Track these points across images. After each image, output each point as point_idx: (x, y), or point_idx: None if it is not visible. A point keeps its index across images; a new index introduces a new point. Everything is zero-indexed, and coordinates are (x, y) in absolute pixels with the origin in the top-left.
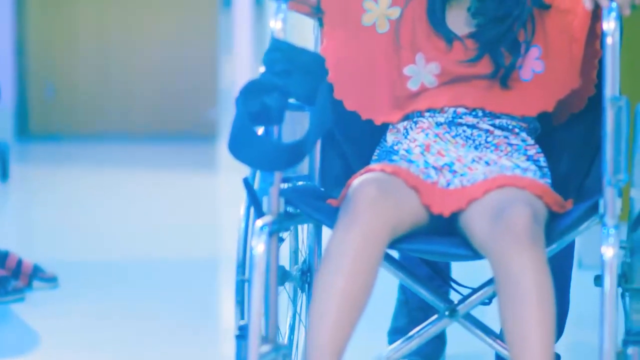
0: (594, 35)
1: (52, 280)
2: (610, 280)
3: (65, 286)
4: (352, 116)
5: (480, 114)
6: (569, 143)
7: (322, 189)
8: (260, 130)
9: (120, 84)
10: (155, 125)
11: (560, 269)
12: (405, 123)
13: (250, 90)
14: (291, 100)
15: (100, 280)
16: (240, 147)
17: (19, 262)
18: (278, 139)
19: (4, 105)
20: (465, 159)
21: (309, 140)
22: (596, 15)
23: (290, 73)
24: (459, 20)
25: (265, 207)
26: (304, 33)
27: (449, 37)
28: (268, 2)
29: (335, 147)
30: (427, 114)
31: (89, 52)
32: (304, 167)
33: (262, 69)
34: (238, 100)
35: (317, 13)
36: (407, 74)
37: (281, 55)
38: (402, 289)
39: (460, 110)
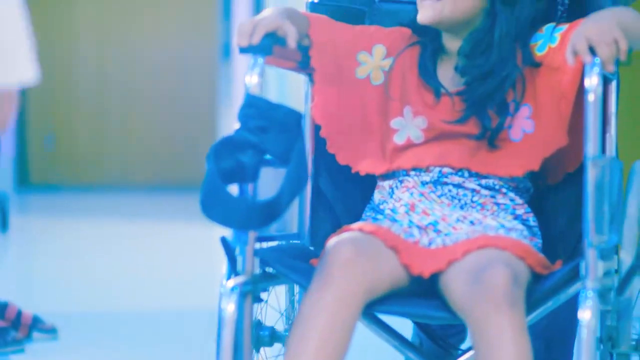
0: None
1: (51, 331)
2: (587, 345)
3: (65, 337)
4: (342, 173)
5: (466, 174)
6: (563, 203)
7: (312, 248)
8: (234, 188)
9: (120, 135)
10: (154, 175)
11: (563, 327)
12: (390, 182)
13: (224, 147)
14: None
15: (100, 331)
16: (212, 206)
17: (19, 313)
18: (253, 197)
19: (4, 156)
20: (449, 218)
21: (283, 199)
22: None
23: (266, 130)
24: (449, 75)
25: (239, 267)
26: None
27: (438, 91)
28: (246, 57)
29: (324, 205)
30: (412, 173)
31: (88, 104)
32: (293, 225)
33: (236, 126)
34: (209, 158)
35: (303, 69)
36: (394, 126)
37: (256, 112)
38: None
39: (446, 170)
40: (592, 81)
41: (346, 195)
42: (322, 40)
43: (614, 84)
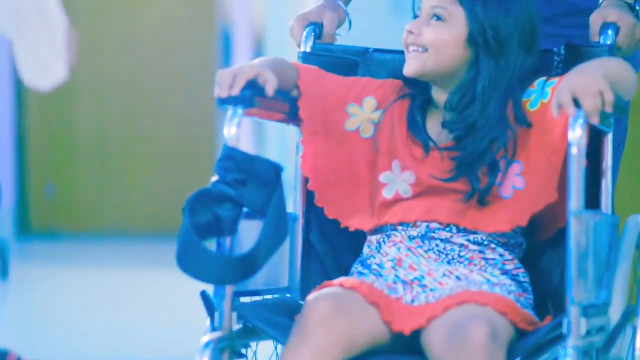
0: None
1: None
2: None
3: None
4: (333, 226)
5: (454, 229)
6: (557, 258)
7: (302, 302)
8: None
9: (121, 182)
10: (156, 223)
11: None
12: (378, 236)
13: (200, 201)
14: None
15: None
16: (187, 260)
17: None
18: (230, 251)
19: (5, 204)
20: (436, 274)
21: (260, 253)
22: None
23: (245, 183)
24: (438, 129)
25: (216, 322)
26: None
27: (427, 145)
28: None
29: (315, 258)
30: (400, 228)
31: (88, 151)
32: (284, 279)
33: (214, 178)
34: (184, 211)
35: (291, 120)
36: (383, 181)
37: (234, 165)
38: None
39: (434, 225)
40: (575, 134)
41: (336, 249)
42: (311, 91)
43: (609, 137)
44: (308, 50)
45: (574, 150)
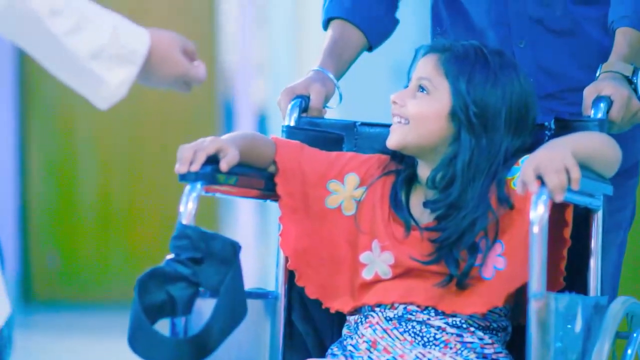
0: (563, 223)
1: None
2: None
3: None
4: (314, 306)
5: (432, 312)
6: None
7: None
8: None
9: (124, 251)
10: None
11: None
12: (356, 317)
13: (153, 280)
14: None
15: None
16: (137, 341)
17: None
18: (184, 332)
19: (7, 273)
20: (408, 356)
21: (213, 333)
22: (562, 204)
23: (200, 261)
24: (421, 206)
25: None
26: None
27: (408, 224)
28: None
29: (296, 338)
30: (377, 309)
31: (91, 220)
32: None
33: (169, 256)
34: (135, 291)
35: (268, 196)
36: (363, 261)
37: (188, 243)
38: None
39: (411, 307)
40: (537, 212)
41: (318, 329)
42: (289, 166)
43: (598, 215)
44: (292, 123)
45: (535, 229)
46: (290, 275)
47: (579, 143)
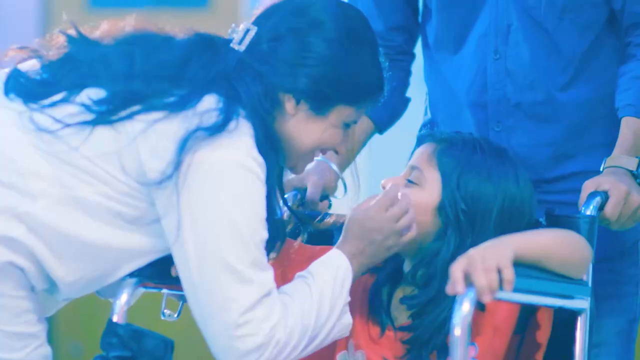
0: (536, 326)
1: None
2: None
3: None
4: None
5: None
6: None
7: None
8: None
9: None
10: None
11: None
12: None
13: None
14: None
15: None
16: None
17: None
18: None
19: None
20: None
21: None
22: (533, 308)
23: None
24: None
25: None
26: None
27: (383, 326)
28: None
29: None
30: None
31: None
32: None
33: (100, 354)
34: None
35: None
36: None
37: (117, 341)
38: None
39: None
40: (460, 313)
41: None
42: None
43: (583, 317)
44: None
45: (456, 332)
46: None
47: (531, 241)
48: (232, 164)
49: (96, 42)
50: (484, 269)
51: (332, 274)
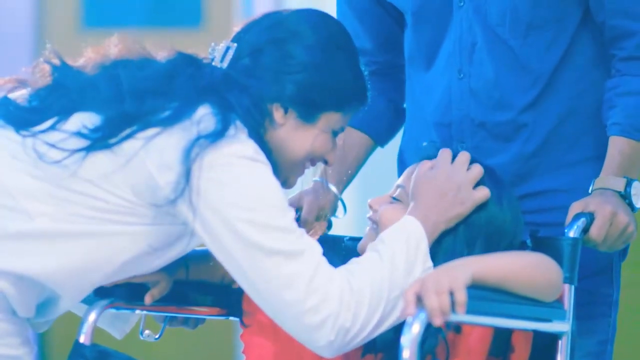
0: (511, 349)
1: None
2: None
3: None
4: None
5: None
6: None
7: None
8: None
9: None
10: None
11: None
12: None
13: None
14: None
15: None
16: None
17: None
18: None
19: None
20: None
21: None
22: (509, 331)
23: None
24: None
25: None
26: None
27: (365, 348)
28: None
29: None
30: None
31: None
32: None
33: None
34: None
35: (231, 314)
36: None
37: None
38: None
39: None
40: (408, 336)
41: None
42: None
43: (564, 341)
44: None
45: (405, 354)
46: None
47: (493, 264)
48: (245, 159)
49: (79, 71)
50: (435, 291)
51: (403, 237)
